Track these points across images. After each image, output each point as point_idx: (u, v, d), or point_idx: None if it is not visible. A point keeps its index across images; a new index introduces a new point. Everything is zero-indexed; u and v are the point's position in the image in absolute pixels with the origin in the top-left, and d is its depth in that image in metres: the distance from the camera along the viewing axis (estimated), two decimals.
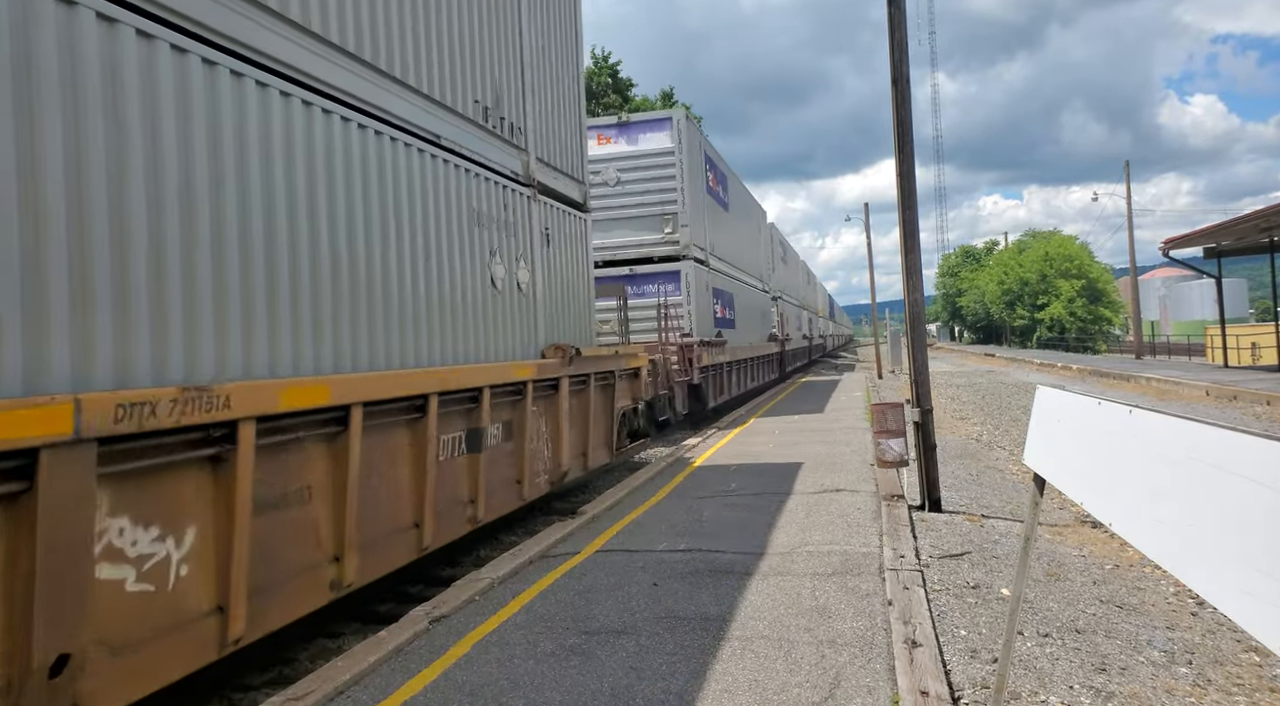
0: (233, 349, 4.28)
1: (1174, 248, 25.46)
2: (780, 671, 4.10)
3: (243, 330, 4.37)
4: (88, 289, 3.48)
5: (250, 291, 4.43)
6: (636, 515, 7.88)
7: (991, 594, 5.24)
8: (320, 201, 5.08)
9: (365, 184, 5.58)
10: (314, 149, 5.05)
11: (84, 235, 3.48)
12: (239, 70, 4.42)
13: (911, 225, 8.03)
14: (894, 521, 7.04)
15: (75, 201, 3.45)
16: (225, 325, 4.24)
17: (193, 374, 4.01)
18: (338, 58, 5.36)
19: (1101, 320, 58.34)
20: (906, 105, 8.09)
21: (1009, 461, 10.69)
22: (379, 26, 5.81)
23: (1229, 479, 1.83)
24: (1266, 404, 16.65)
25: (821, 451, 11.49)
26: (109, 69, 3.65)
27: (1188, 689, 3.81)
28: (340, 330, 5.21)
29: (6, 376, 3.13)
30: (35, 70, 3.32)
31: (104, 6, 3.63)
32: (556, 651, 4.50)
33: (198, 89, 4.13)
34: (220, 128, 4.26)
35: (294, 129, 4.87)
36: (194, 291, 4.05)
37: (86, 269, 3.48)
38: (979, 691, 3.83)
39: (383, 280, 5.71)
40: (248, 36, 4.51)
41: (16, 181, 3.22)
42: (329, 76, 5.25)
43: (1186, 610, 4.91)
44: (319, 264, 5.03)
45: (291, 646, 5.49)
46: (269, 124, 4.65)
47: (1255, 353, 30.50)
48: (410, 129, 6.21)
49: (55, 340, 3.31)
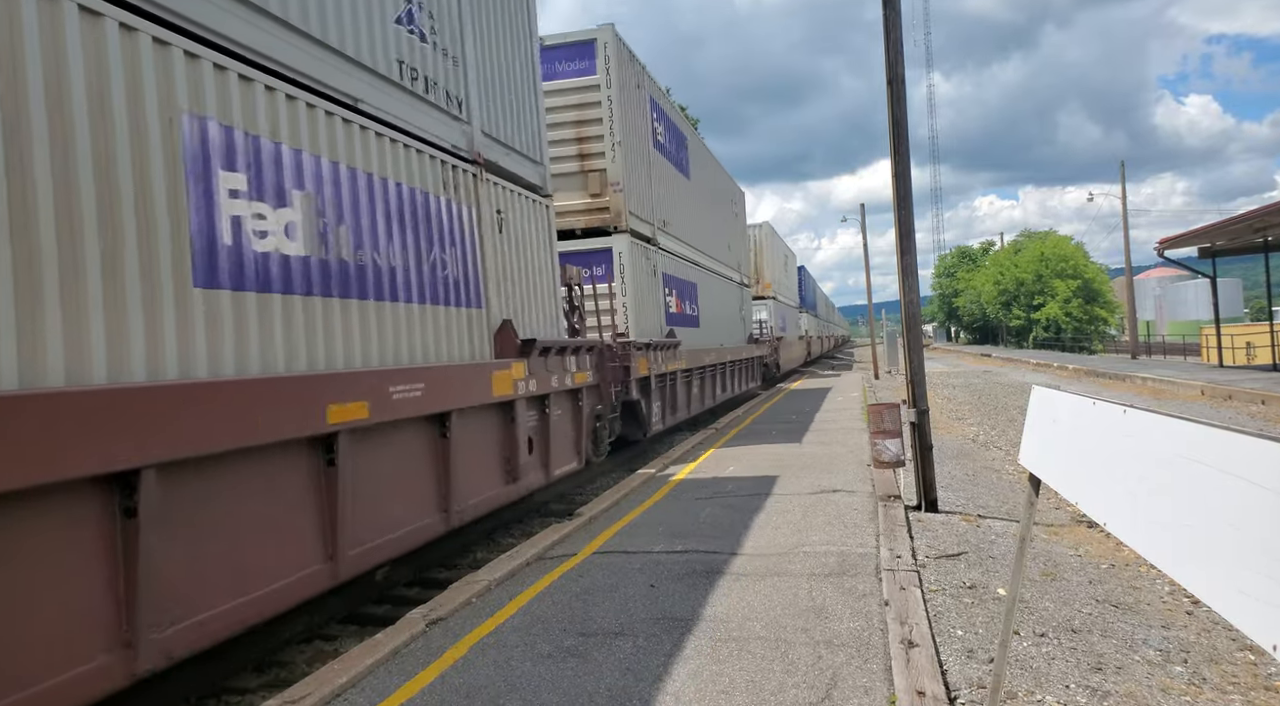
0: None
1: (1169, 248, 25.53)
2: (777, 672, 4.10)
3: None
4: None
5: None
6: (634, 516, 7.88)
7: (988, 594, 5.25)
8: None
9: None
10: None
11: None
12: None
13: (907, 225, 8.04)
14: (890, 522, 7.05)
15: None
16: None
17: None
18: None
19: (1097, 320, 58.51)
20: (902, 105, 8.10)
21: (1005, 461, 10.71)
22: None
23: (1223, 478, 1.84)
24: (1261, 403, 16.70)
25: (819, 451, 11.50)
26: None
27: (1183, 687, 3.82)
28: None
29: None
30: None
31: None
32: (554, 653, 4.49)
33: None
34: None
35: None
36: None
37: None
38: (976, 691, 3.84)
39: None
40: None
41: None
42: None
43: (1182, 609, 4.92)
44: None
45: (288, 649, 5.48)
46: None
47: (1250, 352, 30.61)
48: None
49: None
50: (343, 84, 5.62)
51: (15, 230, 3.30)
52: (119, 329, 3.73)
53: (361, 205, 5.72)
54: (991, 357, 45.82)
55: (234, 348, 4.42)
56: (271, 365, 4.69)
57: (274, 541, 4.61)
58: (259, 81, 4.77)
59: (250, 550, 4.40)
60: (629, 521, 7.67)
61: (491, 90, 8.02)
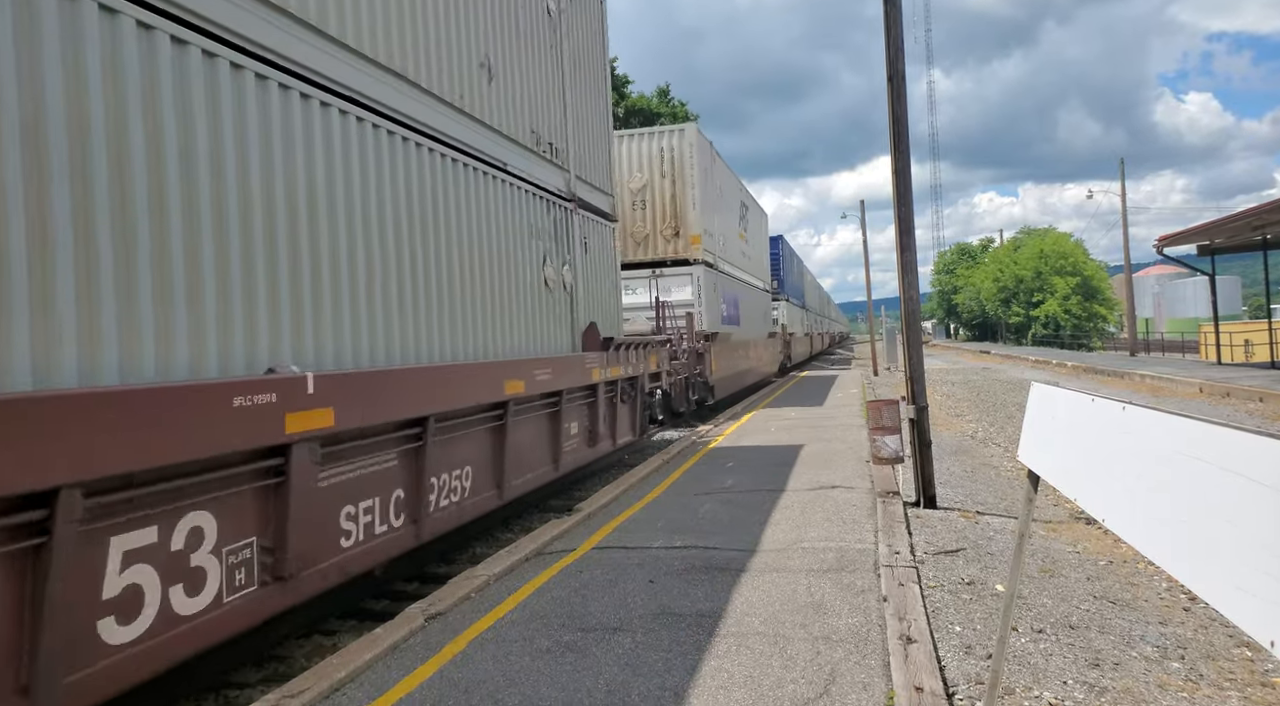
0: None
1: (1168, 245, 25.53)
2: (776, 667, 4.11)
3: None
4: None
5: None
6: (633, 512, 7.89)
7: (986, 590, 5.26)
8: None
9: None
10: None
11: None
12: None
13: (907, 222, 8.03)
14: (889, 518, 7.06)
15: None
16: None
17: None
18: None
19: (1096, 317, 58.51)
20: (902, 102, 8.09)
21: (1004, 458, 10.72)
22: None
23: (1222, 475, 1.84)
24: (1259, 400, 16.72)
25: (817, 447, 11.51)
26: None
27: (1180, 683, 3.83)
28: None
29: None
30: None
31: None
32: (552, 648, 4.50)
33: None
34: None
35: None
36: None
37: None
38: (974, 687, 3.85)
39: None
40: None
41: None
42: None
43: (1179, 605, 4.94)
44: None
45: (287, 643, 5.49)
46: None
47: (1248, 350, 30.64)
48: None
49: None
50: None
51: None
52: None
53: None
54: (991, 354, 45.84)
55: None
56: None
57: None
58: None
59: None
60: (628, 517, 7.68)
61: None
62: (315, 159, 5.13)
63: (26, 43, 3.34)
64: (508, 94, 8.08)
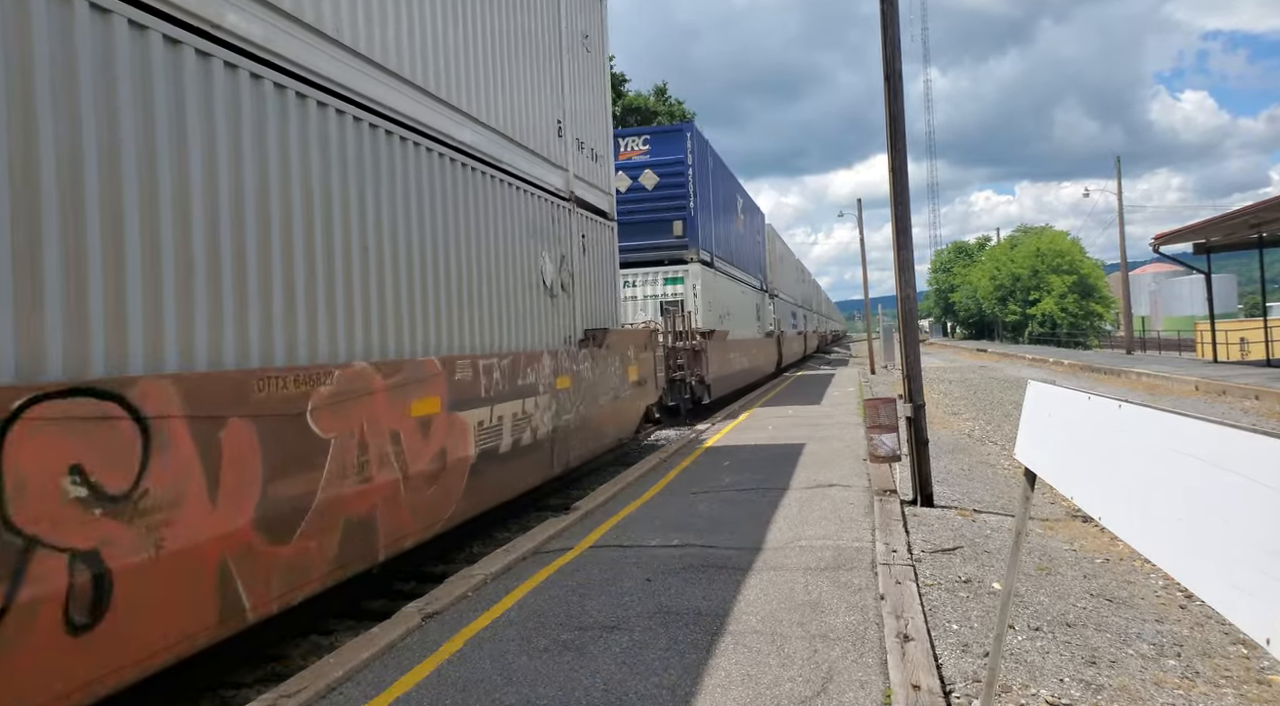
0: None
1: (1164, 243, 25.59)
2: (773, 665, 4.11)
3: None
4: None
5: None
6: (630, 510, 7.89)
7: (983, 588, 5.27)
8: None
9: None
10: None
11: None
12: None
13: (904, 221, 8.04)
14: (886, 516, 7.07)
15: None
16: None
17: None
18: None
19: (1093, 315, 58.62)
20: (899, 101, 8.09)
21: (1000, 456, 10.74)
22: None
23: (1218, 473, 1.84)
24: (1255, 398, 16.76)
25: (815, 446, 11.52)
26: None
27: (1176, 681, 3.84)
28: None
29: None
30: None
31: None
32: (550, 647, 4.50)
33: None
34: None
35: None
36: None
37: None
38: (971, 685, 3.86)
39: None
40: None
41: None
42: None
43: (1175, 603, 4.95)
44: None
45: (284, 643, 5.48)
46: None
47: (1244, 348, 30.70)
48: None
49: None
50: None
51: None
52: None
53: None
54: (987, 353, 45.90)
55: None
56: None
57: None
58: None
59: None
60: (625, 515, 7.67)
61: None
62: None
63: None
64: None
